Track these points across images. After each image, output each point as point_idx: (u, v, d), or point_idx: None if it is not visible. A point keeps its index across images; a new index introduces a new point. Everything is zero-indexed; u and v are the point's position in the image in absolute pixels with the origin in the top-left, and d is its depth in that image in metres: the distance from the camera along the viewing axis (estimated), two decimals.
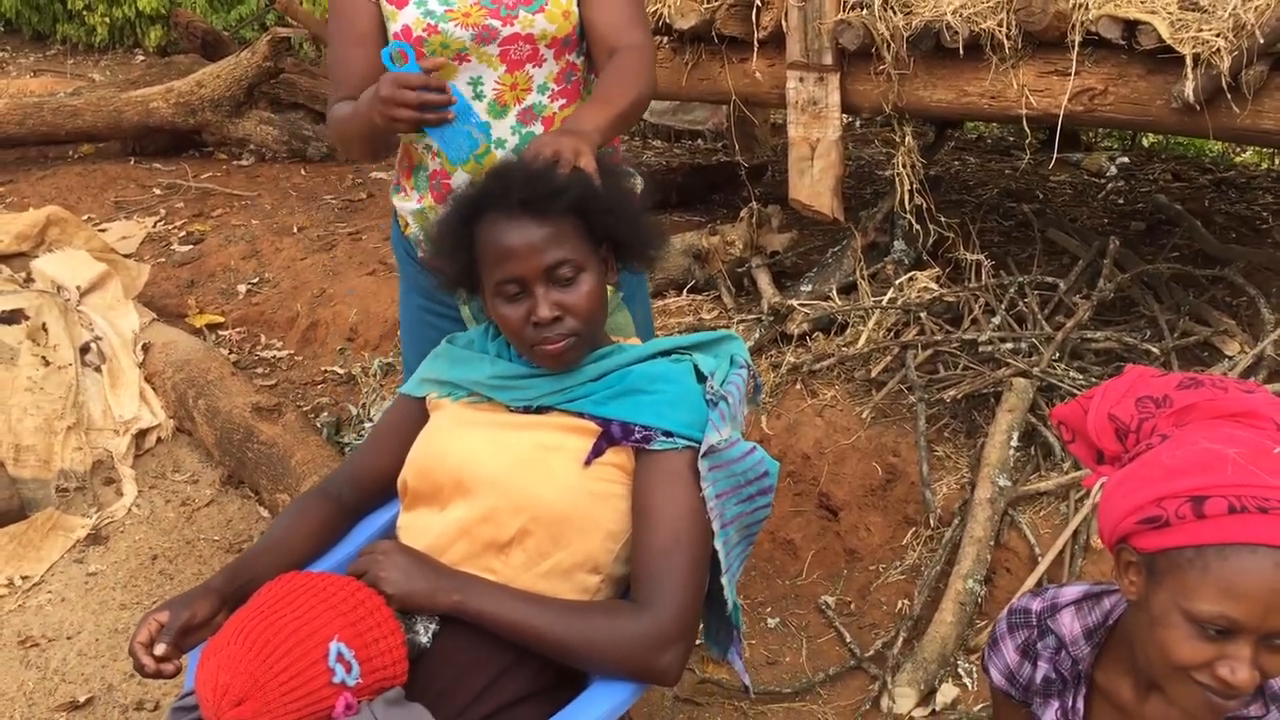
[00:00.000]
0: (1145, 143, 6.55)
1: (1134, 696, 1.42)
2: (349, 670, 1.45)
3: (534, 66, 2.02)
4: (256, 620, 1.46)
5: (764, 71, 3.47)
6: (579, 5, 2.03)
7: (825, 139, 3.35)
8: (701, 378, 1.71)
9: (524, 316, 1.63)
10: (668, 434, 1.62)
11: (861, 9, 3.19)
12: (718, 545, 1.61)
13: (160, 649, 1.55)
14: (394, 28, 1.99)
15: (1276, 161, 6.09)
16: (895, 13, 3.13)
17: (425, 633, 1.58)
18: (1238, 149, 6.45)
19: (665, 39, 3.70)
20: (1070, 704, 1.48)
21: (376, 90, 1.77)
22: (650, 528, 1.60)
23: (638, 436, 1.62)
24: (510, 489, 1.63)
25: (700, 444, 1.61)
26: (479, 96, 2.01)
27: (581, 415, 1.67)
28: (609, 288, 1.77)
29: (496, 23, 1.97)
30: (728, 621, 1.76)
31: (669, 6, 3.50)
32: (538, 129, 2.03)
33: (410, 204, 2.17)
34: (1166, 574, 1.23)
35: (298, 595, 1.50)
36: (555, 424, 1.68)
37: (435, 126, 1.80)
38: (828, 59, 3.28)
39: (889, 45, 3.14)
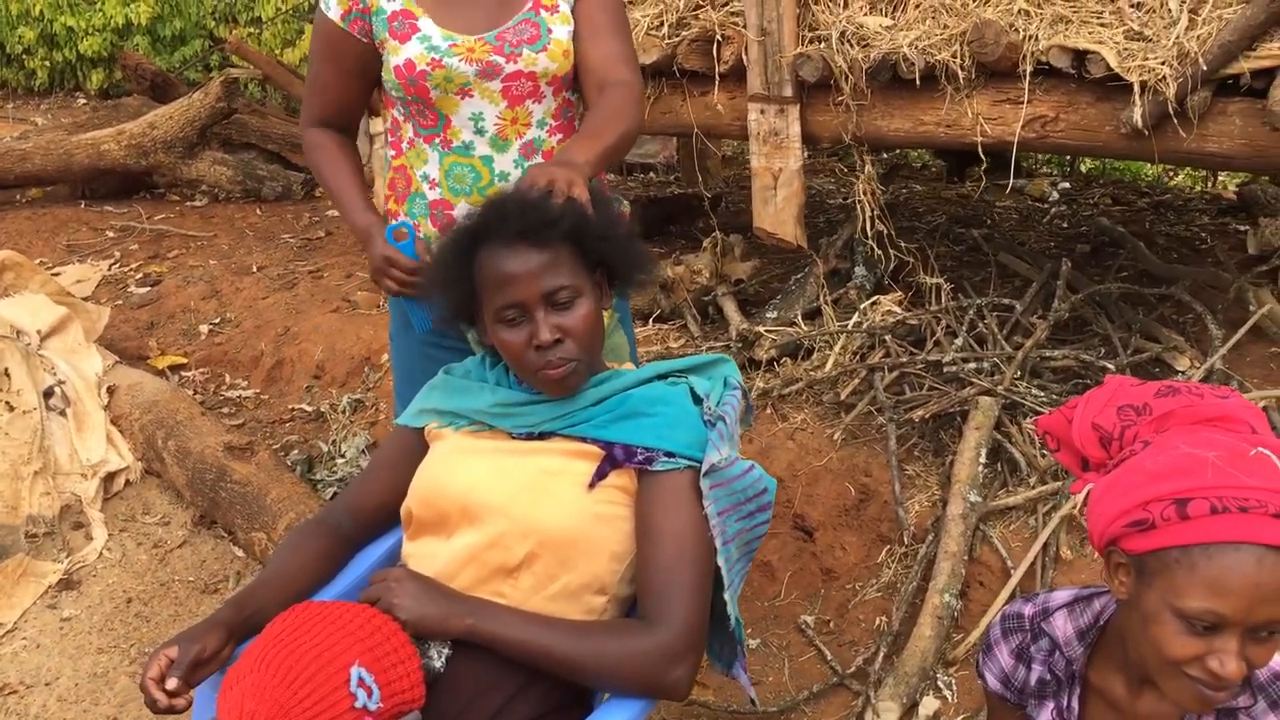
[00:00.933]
0: (1084, 168, 6.75)
1: (1126, 693, 1.48)
2: (370, 695, 1.48)
3: (534, 102, 2.07)
4: (277, 648, 1.48)
5: (725, 104, 3.55)
6: (574, 42, 2.09)
7: (787, 169, 3.44)
8: (697, 399, 1.76)
9: (525, 341, 1.67)
10: (669, 454, 1.67)
11: (820, 42, 3.29)
12: (720, 562, 1.66)
13: (172, 684, 1.56)
14: (397, 61, 2.04)
15: (1210, 185, 6.31)
16: (853, 46, 3.23)
17: (439, 657, 1.61)
18: (1172, 173, 6.67)
19: None
20: (1065, 703, 1.54)
21: (375, 252, 2.04)
22: (655, 546, 1.64)
23: (640, 458, 1.67)
24: (517, 514, 1.66)
25: (701, 463, 1.66)
26: (480, 132, 2.06)
27: (584, 440, 1.71)
28: (605, 311, 1.82)
29: (500, 59, 2.03)
30: (731, 637, 1.80)
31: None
32: (539, 162, 2.09)
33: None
34: (1155, 574, 1.29)
35: (315, 623, 1.53)
36: (558, 449, 1.72)
37: (411, 299, 2.06)
38: (788, 91, 3.37)
39: (847, 77, 3.24)
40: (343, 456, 3.68)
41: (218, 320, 4.70)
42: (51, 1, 8.92)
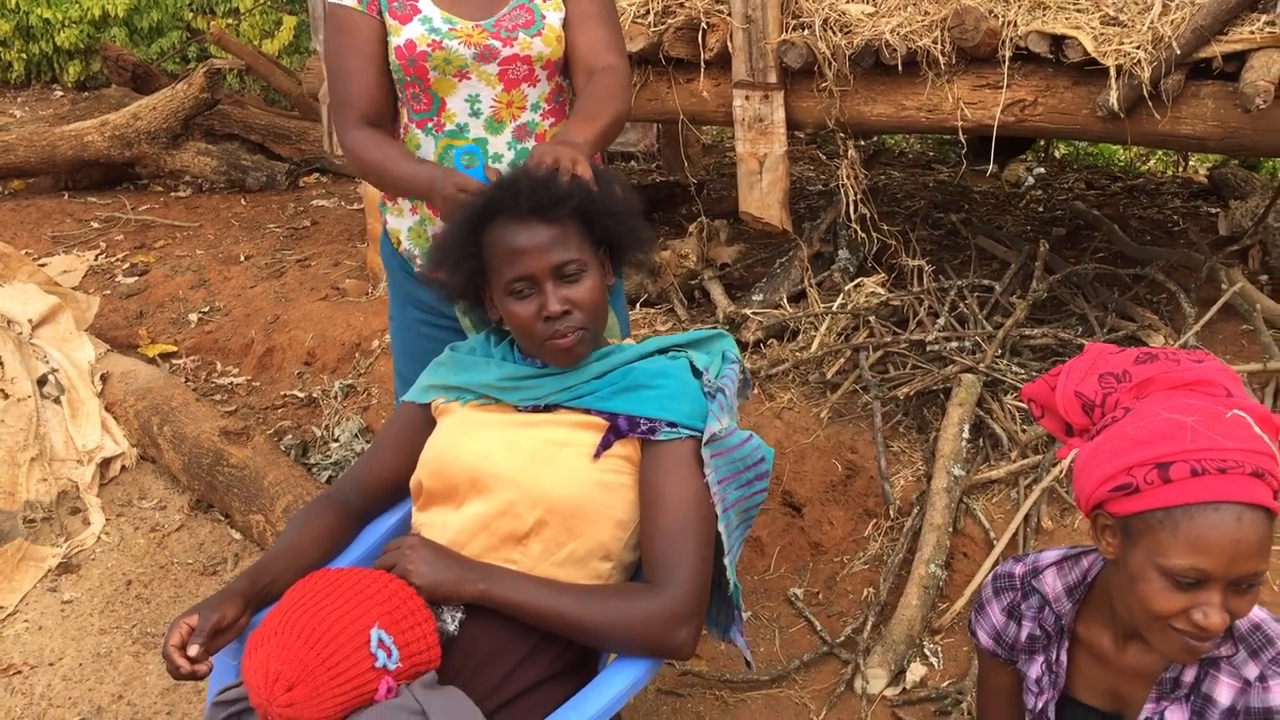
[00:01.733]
0: (1058, 153, 6.85)
1: (1113, 646, 1.56)
2: (389, 655, 1.54)
3: (529, 86, 2.14)
4: (299, 612, 1.54)
5: (710, 91, 3.61)
6: (564, 29, 2.15)
7: (772, 154, 3.51)
8: (697, 373, 1.83)
9: (535, 312, 1.74)
10: (672, 425, 1.73)
11: (803, 29, 3.36)
12: (720, 528, 1.73)
13: (193, 650, 1.62)
14: (397, 41, 2.09)
15: (1182, 169, 6.42)
16: (836, 33, 3.30)
17: (453, 621, 1.67)
18: (1145, 158, 6.78)
19: None
20: (1055, 657, 1.62)
21: (442, 183, 1.90)
22: (659, 513, 1.71)
23: (644, 428, 1.74)
24: (526, 483, 1.73)
25: (701, 433, 1.73)
26: (476, 114, 2.12)
27: (588, 411, 1.78)
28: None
29: (497, 43, 2.09)
30: (728, 603, 1.87)
31: None
32: (531, 145, 2.15)
33: (404, 220, 2.26)
34: (1140, 535, 1.37)
35: (335, 588, 1.59)
36: (564, 421, 1.79)
37: None
38: (772, 77, 3.43)
39: (830, 63, 3.31)
40: (336, 441, 3.73)
41: (207, 309, 4.73)
42: None
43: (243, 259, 5.12)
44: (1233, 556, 1.32)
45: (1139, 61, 2.84)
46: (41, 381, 3.81)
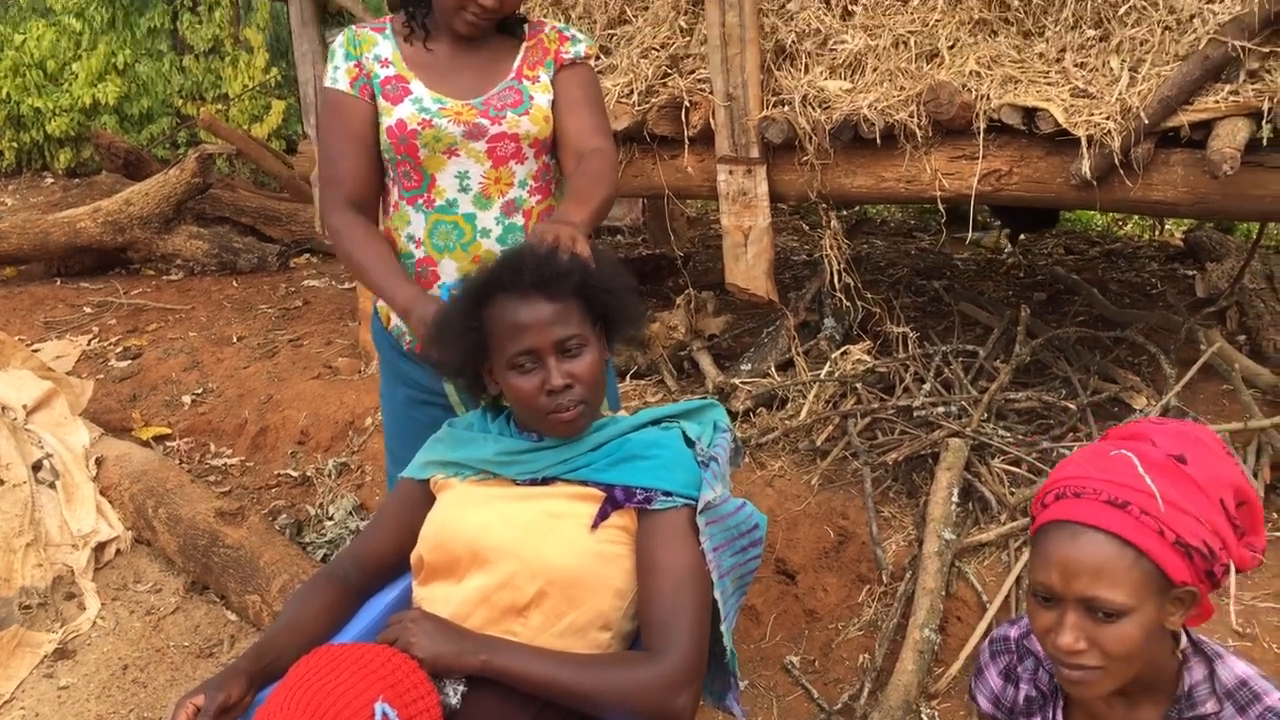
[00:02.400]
0: None
1: (1105, 704, 1.58)
2: None
3: (516, 163, 2.21)
4: (304, 688, 1.56)
5: (695, 166, 3.70)
6: (552, 111, 2.23)
7: (757, 226, 3.59)
8: (690, 442, 1.88)
9: (538, 386, 1.78)
10: (667, 494, 1.77)
11: (784, 106, 3.45)
12: (716, 595, 1.76)
13: None
14: (389, 122, 2.17)
15: (1158, 232, 6.54)
16: (815, 108, 3.39)
17: (455, 694, 1.69)
18: (1122, 222, 6.90)
19: None
20: (1051, 716, 1.65)
21: (423, 311, 1.97)
22: (657, 581, 1.74)
23: (640, 498, 1.77)
24: (526, 555, 1.76)
25: (696, 501, 1.77)
26: (465, 189, 2.19)
27: (585, 483, 1.82)
28: None
29: (485, 121, 2.17)
30: (724, 669, 1.89)
31: None
32: (519, 220, 2.22)
33: None
34: (1031, 558, 1.49)
35: (339, 663, 1.61)
36: (561, 493, 1.83)
37: None
38: (754, 152, 3.52)
39: (811, 138, 3.40)
40: (331, 519, 3.75)
41: (200, 390, 4.77)
42: (18, 84, 9.00)
43: (235, 340, 5.17)
44: (1066, 573, 1.39)
45: (1109, 131, 2.93)
46: (36, 467, 3.83)
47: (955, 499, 3.07)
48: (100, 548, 3.69)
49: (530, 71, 2.26)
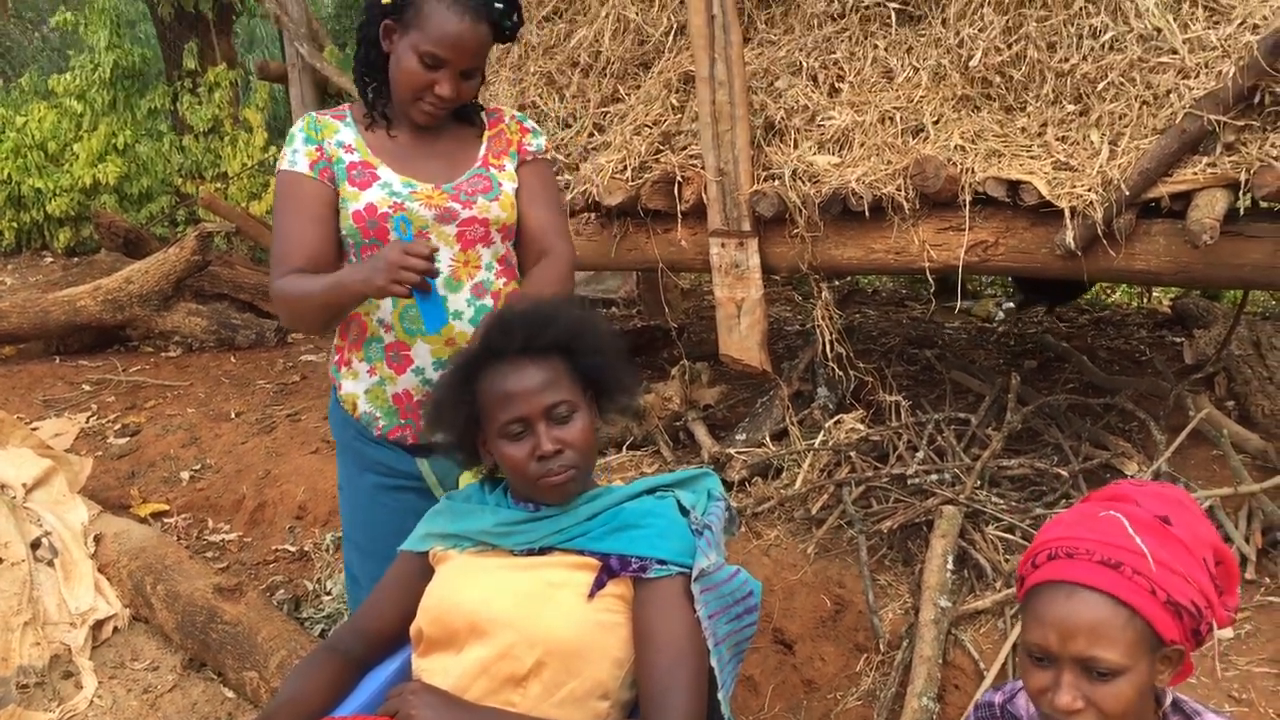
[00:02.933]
0: None
1: None
2: None
3: (484, 246, 2.26)
4: None
5: (688, 240, 3.77)
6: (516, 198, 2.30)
7: (750, 298, 3.64)
8: (684, 511, 1.91)
9: (529, 453, 1.82)
10: (662, 562, 1.80)
11: (774, 180, 3.53)
12: (713, 663, 1.78)
13: None
14: (356, 206, 2.18)
15: (1145, 300, 6.62)
16: (805, 182, 3.47)
17: None
18: (1110, 290, 6.99)
19: (594, 214, 3.99)
20: None
21: (384, 256, 1.97)
22: (654, 649, 1.76)
23: (635, 567, 1.80)
24: (524, 626, 1.78)
25: (691, 569, 1.80)
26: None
27: (582, 553, 1.85)
28: None
29: (457, 206, 2.22)
30: None
31: (598, 186, 3.80)
32: (489, 302, 2.26)
33: (360, 383, 2.29)
34: (1023, 618, 1.50)
35: None
36: (559, 562, 1.85)
37: (425, 294, 2.01)
38: (746, 226, 3.59)
39: (801, 211, 3.47)
40: (328, 594, 3.75)
41: (198, 466, 4.79)
42: (19, 165, 9.12)
43: (233, 416, 5.20)
44: (1063, 633, 1.41)
45: (1091, 203, 3.00)
46: (35, 544, 3.84)
47: (950, 566, 3.09)
48: (98, 625, 3.68)
49: (496, 160, 2.32)
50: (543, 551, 1.88)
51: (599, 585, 1.80)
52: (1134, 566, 1.41)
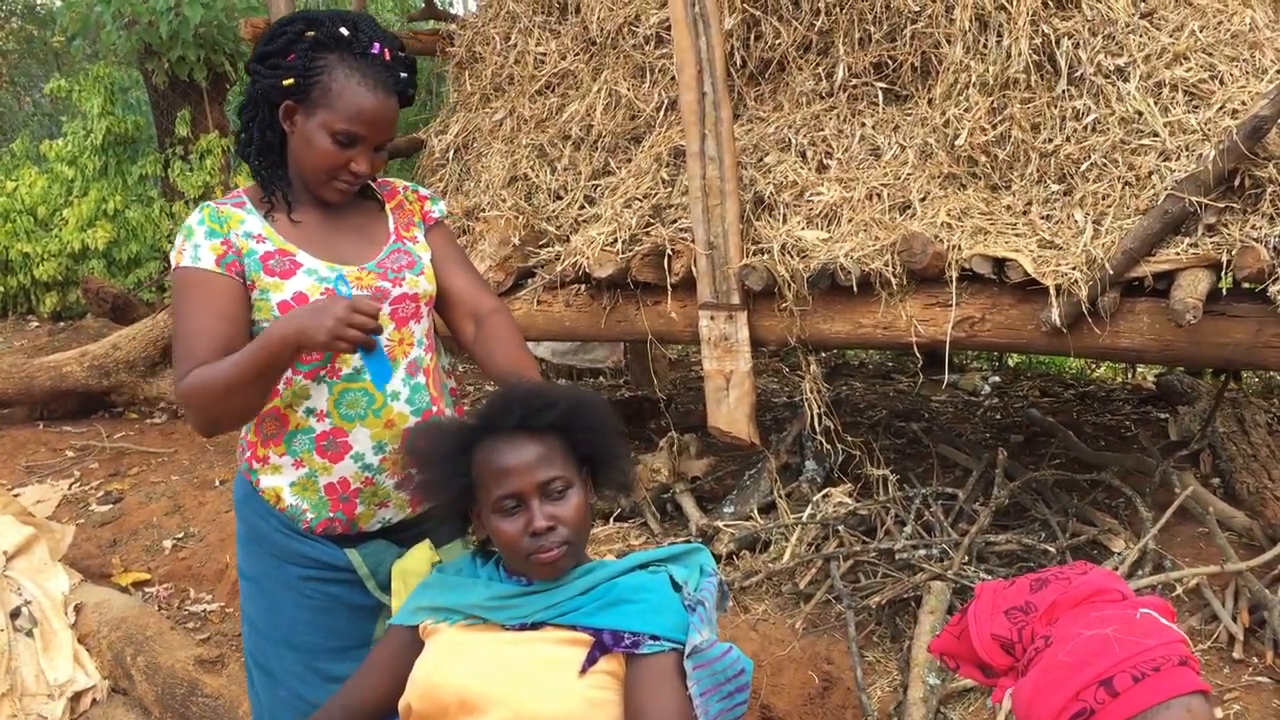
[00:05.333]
0: (1011, 362, 7.11)
1: None
2: None
3: (414, 323, 2.23)
4: None
5: (678, 312, 3.80)
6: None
7: (738, 370, 3.66)
8: (677, 586, 1.90)
9: (522, 528, 1.81)
10: (655, 638, 1.79)
11: (763, 254, 3.57)
12: None
13: None
14: (282, 297, 2.09)
15: (1130, 376, 6.68)
16: (794, 257, 3.51)
17: None
18: (1095, 366, 7.04)
19: (584, 286, 4.02)
20: None
21: (325, 309, 1.89)
22: None
23: (628, 642, 1.79)
24: (515, 703, 1.76)
25: (684, 646, 1.79)
26: (370, 354, 2.14)
27: (574, 628, 1.83)
28: None
29: (387, 284, 2.17)
30: None
31: (588, 258, 3.83)
32: (421, 380, 2.22)
33: (284, 476, 2.18)
34: None
35: None
36: (551, 638, 1.84)
37: (369, 350, 1.98)
38: (735, 299, 3.62)
39: (790, 285, 3.50)
40: None
41: (181, 535, 4.74)
42: (8, 230, 9.12)
43: (217, 484, 5.17)
44: None
45: (1076, 281, 3.04)
46: (15, 614, 3.79)
47: None
48: (76, 697, 3.64)
49: (407, 232, 2.28)
50: (535, 626, 1.87)
51: (591, 661, 1.79)
52: (1189, 655, 1.41)
